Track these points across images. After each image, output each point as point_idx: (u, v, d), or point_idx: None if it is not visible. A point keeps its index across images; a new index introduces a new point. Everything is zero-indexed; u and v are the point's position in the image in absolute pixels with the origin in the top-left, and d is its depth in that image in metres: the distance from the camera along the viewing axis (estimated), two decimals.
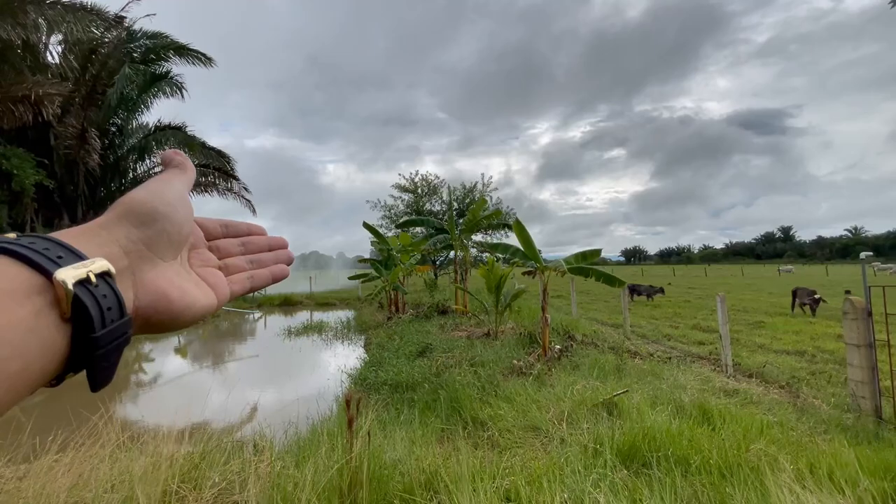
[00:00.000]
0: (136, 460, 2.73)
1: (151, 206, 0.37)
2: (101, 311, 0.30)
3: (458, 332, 9.23)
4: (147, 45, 16.84)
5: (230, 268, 0.47)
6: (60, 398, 7.77)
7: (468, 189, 21.75)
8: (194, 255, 0.45)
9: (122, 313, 0.32)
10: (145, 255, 0.36)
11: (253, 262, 0.50)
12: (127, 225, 0.36)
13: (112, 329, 0.31)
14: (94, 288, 0.30)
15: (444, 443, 4.48)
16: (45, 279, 0.29)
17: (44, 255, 0.30)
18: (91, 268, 0.31)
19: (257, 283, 0.49)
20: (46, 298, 0.29)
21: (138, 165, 18.70)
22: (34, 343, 0.27)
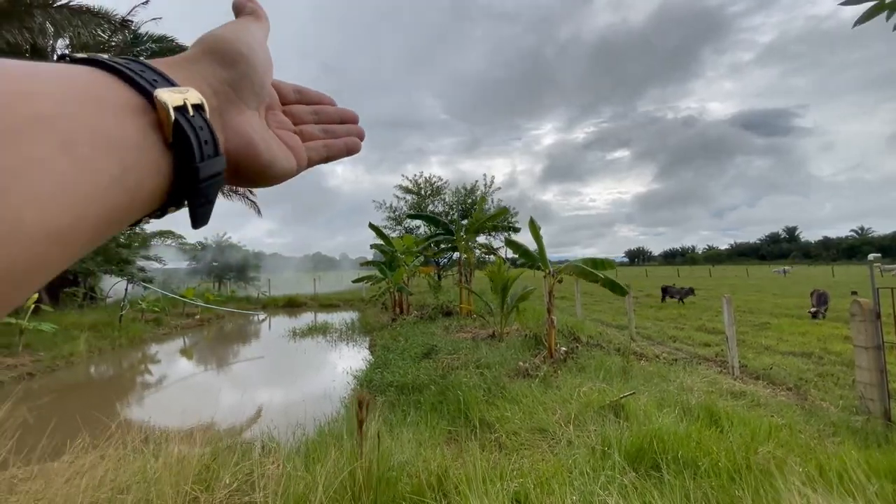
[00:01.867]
0: (148, 462, 2.76)
1: (236, 47, 0.35)
2: (200, 143, 0.29)
3: (462, 334, 9.24)
4: (153, 48, 16.92)
5: (305, 134, 0.45)
6: (72, 400, 7.83)
7: (469, 190, 21.79)
8: (270, 116, 0.42)
9: (216, 150, 0.30)
10: (232, 98, 0.35)
11: (326, 131, 0.47)
12: (213, 63, 0.34)
13: (211, 163, 0.30)
14: (191, 118, 0.29)
15: (452, 444, 4.50)
16: (146, 101, 0.27)
17: (141, 76, 0.28)
18: (187, 96, 0.29)
19: (333, 153, 0.47)
20: (149, 119, 0.27)
21: None
22: (145, 161, 0.26)
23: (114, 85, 0.27)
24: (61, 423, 3.25)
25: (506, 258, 12.54)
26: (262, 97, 0.38)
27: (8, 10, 10.87)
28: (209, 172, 0.30)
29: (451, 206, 21.85)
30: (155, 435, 3.77)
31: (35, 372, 9.14)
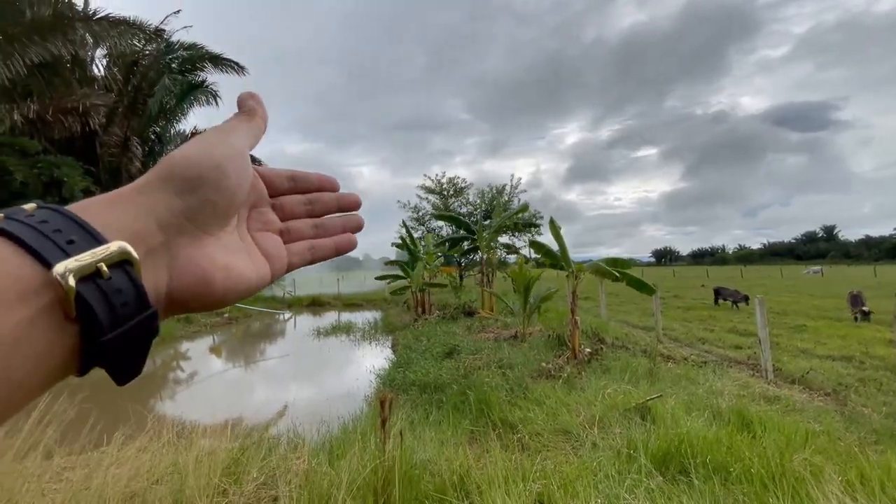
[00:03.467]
0: (181, 455, 2.86)
1: (196, 172, 0.32)
2: (113, 309, 0.26)
3: (484, 334, 9.22)
4: (184, 55, 17.55)
5: (292, 233, 0.41)
6: (109, 395, 8.16)
7: (497, 191, 21.69)
8: (254, 216, 0.39)
9: (141, 307, 0.27)
10: (186, 229, 0.32)
11: (318, 226, 0.43)
12: (167, 192, 0.31)
13: (127, 329, 0.27)
14: (105, 282, 0.26)
15: (474, 444, 4.49)
16: (49, 273, 0.25)
17: (51, 240, 0.25)
18: (105, 256, 0.26)
19: (318, 255, 0.43)
20: (47, 297, 0.24)
21: None
22: (21, 356, 0.24)
23: (10, 263, 0.24)
24: (101, 416, 3.40)
25: (529, 257, 12.42)
26: (231, 215, 0.36)
27: (52, 23, 11.45)
28: (125, 338, 0.27)
29: (476, 206, 21.83)
30: (187, 429, 3.90)
31: None
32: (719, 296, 15.53)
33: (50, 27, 11.35)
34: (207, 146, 0.34)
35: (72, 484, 2.41)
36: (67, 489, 2.33)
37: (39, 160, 12.69)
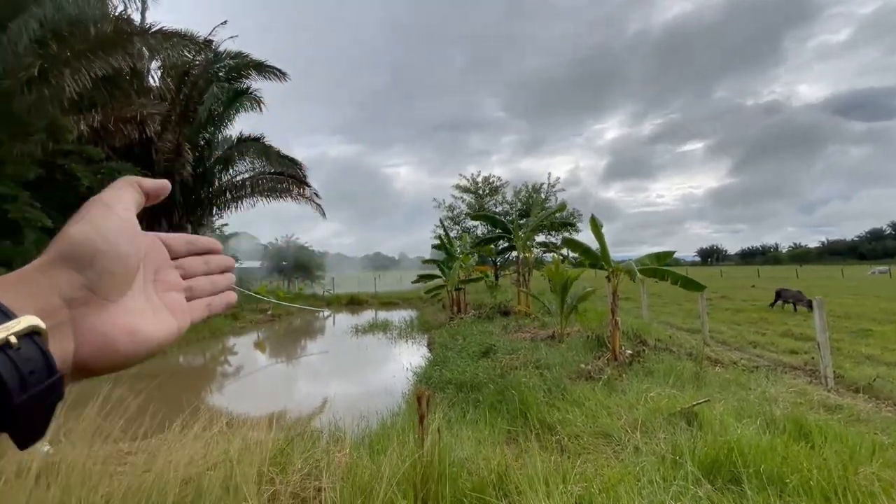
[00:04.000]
0: (231, 444, 3.00)
1: (90, 247, 0.34)
2: (22, 377, 0.28)
3: (521, 334, 9.13)
4: (230, 64, 18.39)
5: (194, 290, 0.45)
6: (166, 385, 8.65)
7: (534, 189, 21.45)
8: (160, 277, 0.42)
9: (49, 374, 0.30)
10: (89, 300, 0.34)
11: (213, 283, 0.47)
12: (66, 269, 0.34)
13: (36, 393, 0.29)
14: (15, 352, 0.28)
15: (512, 444, 4.47)
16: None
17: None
18: (15, 329, 0.29)
19: (213, 311, 0.47)
20: None
21: (223, 174, 20.47)
22: None
23: None
24: (159, 406, 3.62)
25: (566, 256, 12.17)
26: (130, 280, 0.38)
27: (113, 38, 12.29)
28: (33, 403, 0.29)
29: (512, 205, 21.67)
30: (235, 420, 4.10)
31: None
32: (780, 298, 14.54)
33: (111, 42, 12.19)
34: (98, 222, 0.36)
35: (135, 468, 2.59)
36: (131, 472, 2.50)
37: (103, 167, 13.65)
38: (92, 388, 3.44)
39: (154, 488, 2.25)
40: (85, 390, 3.12)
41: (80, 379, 0.35)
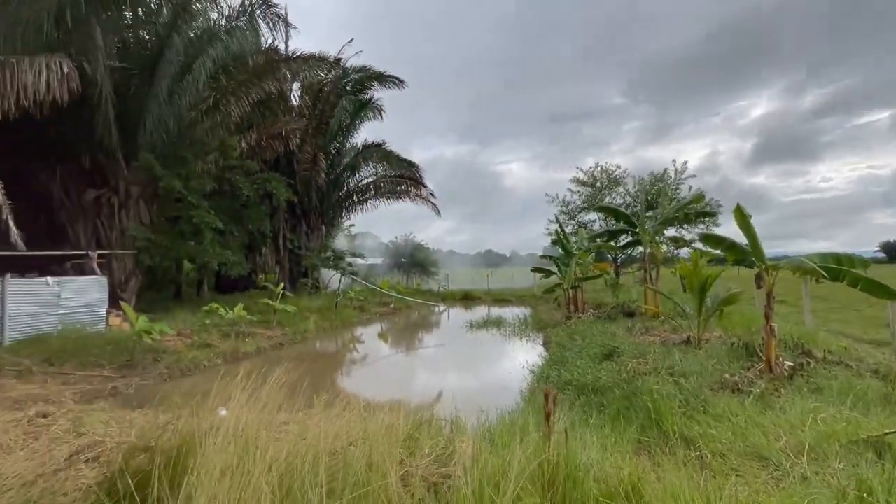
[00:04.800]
0: (369, 424, 3.27)
1: None
2: None
3: (649, 337, 8.39)
4: (355, 77, 20.16)
5: None
6: (308, 366, 9.85)
7: (657, 177, 19.56)
8: None
9: None
10: None
11: None
12: None
13: None
14: None
15: (641, 454, 4.13)
16: None
17: None
18: None
19: None
20: None
21: (350, 179, 22.57)
22: None
23: None
24: (304, 384, 4.10)
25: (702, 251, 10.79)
26: None
27: (266, 67, 14.34)
28: None
29: (634, 196, 20.04)
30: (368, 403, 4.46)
31: (284, 343, 11.87)
32: None
33: (265, 71, 14.27)
34: None
35: (291, 436, 2.97)
36: (290, 439, 2.88)
37: (258, 177, 16.03)
38: (260, 367, 4.05)
39: (308, 455, 2.56)
40: (253, 368, 3.67)
41: None
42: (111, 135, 12.49)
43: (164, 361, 8.74)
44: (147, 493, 2.37)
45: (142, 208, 14.19)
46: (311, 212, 20.81)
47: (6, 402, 5.91)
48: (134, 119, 12.99)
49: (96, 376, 7.97)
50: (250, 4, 13.70)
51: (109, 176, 13.62)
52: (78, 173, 13.59)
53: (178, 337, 10.20)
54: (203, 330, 10.94)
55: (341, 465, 2.57)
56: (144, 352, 8.84)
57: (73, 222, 13.79)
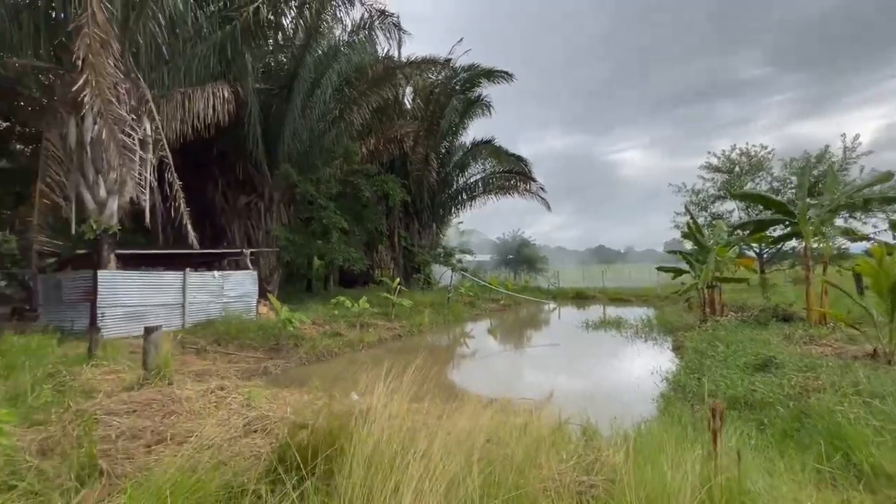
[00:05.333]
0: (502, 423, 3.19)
1: None
2: None
3: (816, 347, 7.05)
4: (464, 76, 20.43)
5: None
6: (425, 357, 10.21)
7: (817, 157, 16.40)
8: None
9: None
10: None
11: None
12: None
13: None
14: None
15: (823, 487, 3.43)
16: None
17: None
18: None
19: None
20: None
21: (459, 177, 23.00)
22: None
23: None
24: (427, 375, 4.16)
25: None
26: None
27: (384, 76, 15.25)
28: None
29: (782, 181, 17.14)
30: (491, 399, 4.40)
31: (402, 334, 12.52)
32: None
33: (382, 79, 15.20)
34: None
35: (434, 427, 3.02)
36: (436, 431, 2.92)
37: (376, 180, 17.14)
38: (384, 356, 4.24)
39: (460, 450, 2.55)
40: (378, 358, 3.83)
41: None
42: (258, 148, 14.39)
43: (303, 347, 9.79)
44: (314, 466, 2.58)
45: (282, 211, 16.14)
46: (423, 210, 21.68)
47: (191, 374, 7.09)
48: (275, 133, 14.81)
49: (251, 357, 9.24)
50: (369, 17, 14.68)
51: (257, 184, 15.72)
52: (234, 183, 15.94)
53: (312, 326, 11.36)
54: (333, 320, 12.03)
55: (484, 464, 2.53)
56: (287, 338, 10.00)
57: (229, 224, 16.21)
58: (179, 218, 11.16)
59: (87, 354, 6.49)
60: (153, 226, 13.43)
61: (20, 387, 4.56)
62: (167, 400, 3.93)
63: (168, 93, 11.04)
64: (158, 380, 4.78)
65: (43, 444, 3.25)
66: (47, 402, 4.33)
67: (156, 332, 5.18)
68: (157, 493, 2.27)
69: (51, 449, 3.16)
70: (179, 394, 4.07)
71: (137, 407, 3.82)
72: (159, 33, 10.35)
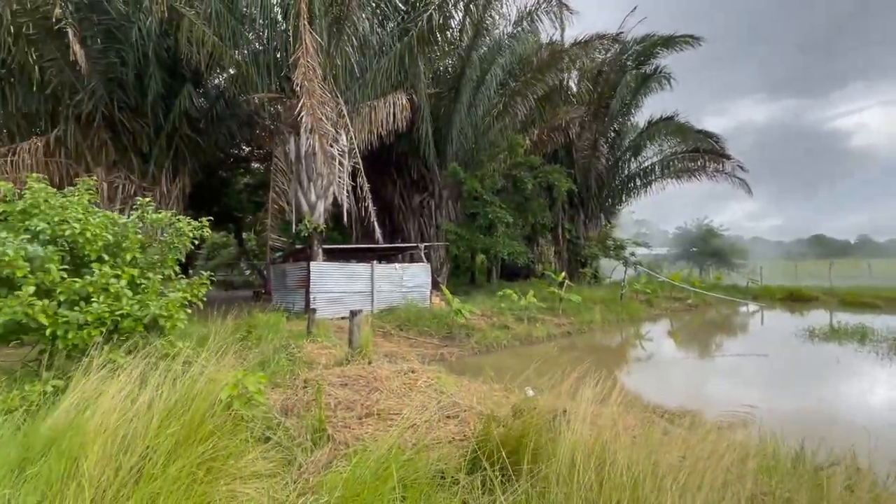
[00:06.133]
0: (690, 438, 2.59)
1: None
2: None
3: None
4: (637, 49, 18.40)
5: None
6: (596, 356, 9.48)
7: None
8: None
9: None
10: None
11: None
12: None
13: None
14: None
15: None
16: None
17: None
18: None
19: None
20: None
21: (631, 162, 20.90)
22: None
23: None
24: (602, 377, 3.66)
25: None
26: None
27: (549, 61, 14.72)
28: None
29: None
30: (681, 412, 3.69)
31: (571, 331, 11.92)
32: None
33: (547, 65, 14.68)
34: None
35: (635, 440, 2.60)
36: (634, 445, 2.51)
37: (539, 171, 16.71)
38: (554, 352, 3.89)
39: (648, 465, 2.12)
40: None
41: None
42: (429, 149, 15.44)
43: (474, 337, 10.09)
44: (514, 462, 2.46)
45: (450, 207, 17.05)
46: (589, 200, 20.39)
47: (382, 354, 7.92)
48: (443, 134, 15.69)
49: (429, 343, 9.92)
50: (536, 3, 14.31)
51: (428, 183, 16.93)
52: (409, 184, 17.49)
53: (481, 317, 11.65)
54: (500, 312, 12.15)
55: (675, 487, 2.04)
56: (459, 327, 10.44)
57: (405, 221, 17.84)
58: (368, 216, 12.72)
59: (306, 331, 7.78)
60: (348, 224, 15.69)
61: (265, 354, 5.66)
62: (370, 378, 4.35)
63: (358, 107, 12.61)
64: (360, 357, 5.37)
65: (285, 403, 3.89)
66: (283, 368, 5.25)
67: (359, 316, 5.85)
68: (377, 463, 2.42)
69: (290, 409, 3.76)
70: (379, 373, 4.47)
71: (348, 381, 4.30)
72: (352, 53, 11.87)
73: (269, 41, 12.04)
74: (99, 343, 3.54)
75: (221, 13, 10.90)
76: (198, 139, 14.34)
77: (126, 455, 2.42)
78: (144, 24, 11.55)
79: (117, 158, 12.89)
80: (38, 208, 3.81)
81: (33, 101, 11.84)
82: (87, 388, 2.96)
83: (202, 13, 10.84)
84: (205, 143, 14.78)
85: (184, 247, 4.61)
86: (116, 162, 12.92)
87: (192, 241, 4.65)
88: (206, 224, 4.81)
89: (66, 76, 11.28)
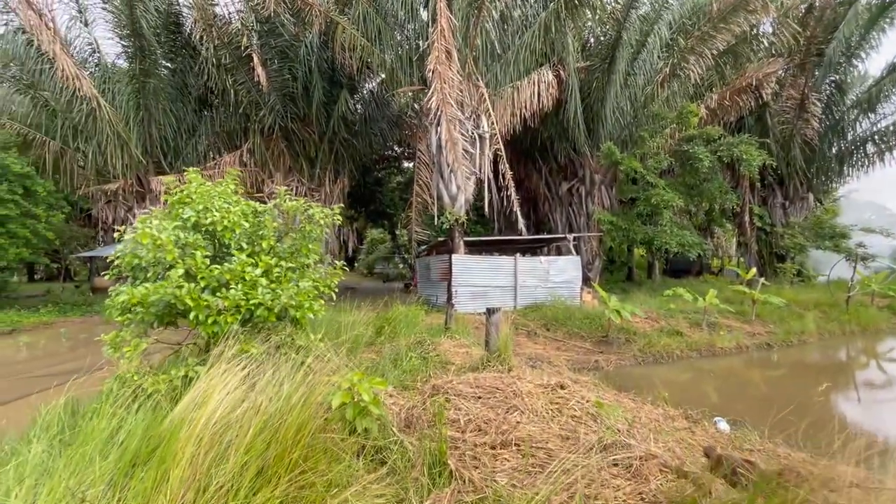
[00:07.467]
0: None
1: None
2: None
3: None
4: None
5: None
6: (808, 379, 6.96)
7: None
8: None
9: None
10: None
11: None
12: None
13: None
14: None
15: None
16: None
17: None
18: None
19: None
20: None
21: (857, 125, 15.73)
22: None
23: None
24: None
25: None
26: None
27: (735, 4, 11.77)
28: None
29: None
30: None
31: (772, 343, 9.22)
32: None
33: (733, 9, 11.74)
34: None
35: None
36: None
37: (721, 144, 13.57)
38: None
39: None
40: None
41: None
42: (578, 129, 13.85)
43: (636, 343, 8.46)
44: None
45: (603, 194, 15.14)
46: (791, 177, 16.04)
47: (524, 357, 7.03)
48: (595, 111, 13.89)
49: (579, 346, 8.65)
50: None
51: (577, 168, 15.30)
52: (556, 170, 16.10)
53: (644, 320, 9.83)
54: (668, 315, 10.11)
55: None
56: (616, 330, 8.91)
57: (552, 211, 16.51)
58: (510, 206, 11.91)
59: (444, 326, 7.36)
60: (490, 215, 15.15)
61: (399, 350, 5.30)
62: (508, 391, 3.53)
63: (499, 89, 11.86)
64: (499, 363, 4.60)
65: (409, 414, 3.33)
66: (414, 367, 4.79)
67: (496, 314, 5.09)
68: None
69: (413, 422, 3.17)
70: (520, 386, 3.61)
71: (482, 393, 3.56)
72: (492, 29, 11.14)
73: (412, 35, 12.13)
74: (236, 331, 3.46)
75: (369, 14, 11.30)
76: (354, 142, 15.47)
77: (218, 467, 2.07)
78: (309, 40, 12.77)
79: (291, 164, 14.64)
80: (191, 198, 3.97)
81: (231, 120, 14.16)
82: (213, 379, 2.81)
83: (352, 17, 11.40)
84: (360, 144, 15.89)
85: (318, 236, 4.45)
86: (291, 168, 14.69)
87: (326, 228, 4.48)
88: (338, 212, 4.60)
89: (252, 96, 13.16)
